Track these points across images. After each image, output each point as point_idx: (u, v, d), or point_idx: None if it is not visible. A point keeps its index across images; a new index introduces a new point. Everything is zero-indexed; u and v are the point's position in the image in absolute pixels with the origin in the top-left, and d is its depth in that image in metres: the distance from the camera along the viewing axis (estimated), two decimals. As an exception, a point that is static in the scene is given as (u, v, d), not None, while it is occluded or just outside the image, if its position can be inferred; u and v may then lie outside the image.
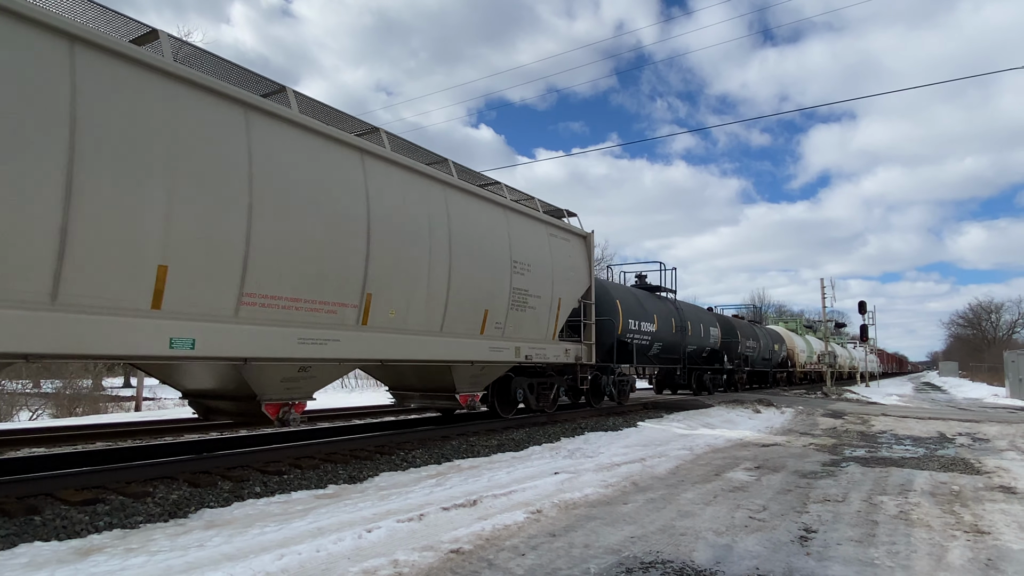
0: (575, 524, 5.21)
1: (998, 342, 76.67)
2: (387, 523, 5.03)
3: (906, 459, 9.16)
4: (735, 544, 4.71)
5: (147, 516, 5.20)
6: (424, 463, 7.94)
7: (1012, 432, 12.90)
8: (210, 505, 5.64)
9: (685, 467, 8.21)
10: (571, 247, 12.79)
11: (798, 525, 5.30)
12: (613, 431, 11.52)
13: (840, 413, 17.08)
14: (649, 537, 4.87)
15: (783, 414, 16.33)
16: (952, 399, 32.30)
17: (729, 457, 9.13)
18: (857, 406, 20.74)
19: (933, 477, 7.68)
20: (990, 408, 23.20)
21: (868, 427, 13.79)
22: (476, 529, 4.92)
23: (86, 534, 4.74)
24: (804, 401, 21.02)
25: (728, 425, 13.47)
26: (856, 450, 10.10)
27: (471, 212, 9.92)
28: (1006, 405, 25.42)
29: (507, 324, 10.62)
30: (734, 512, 5.71)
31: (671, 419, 13.70)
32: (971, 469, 8.31)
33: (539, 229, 11.82)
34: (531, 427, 11.38)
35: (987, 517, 5.67)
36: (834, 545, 4.74)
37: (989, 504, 6.21)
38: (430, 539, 4.67)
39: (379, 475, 7.13)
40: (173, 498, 5.67)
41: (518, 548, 4.52)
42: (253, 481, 6.45)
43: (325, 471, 7.07)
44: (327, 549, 4.41)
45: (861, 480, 7.44)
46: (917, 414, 17.71)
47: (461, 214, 9.60)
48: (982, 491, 6.86)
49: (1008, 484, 7.29)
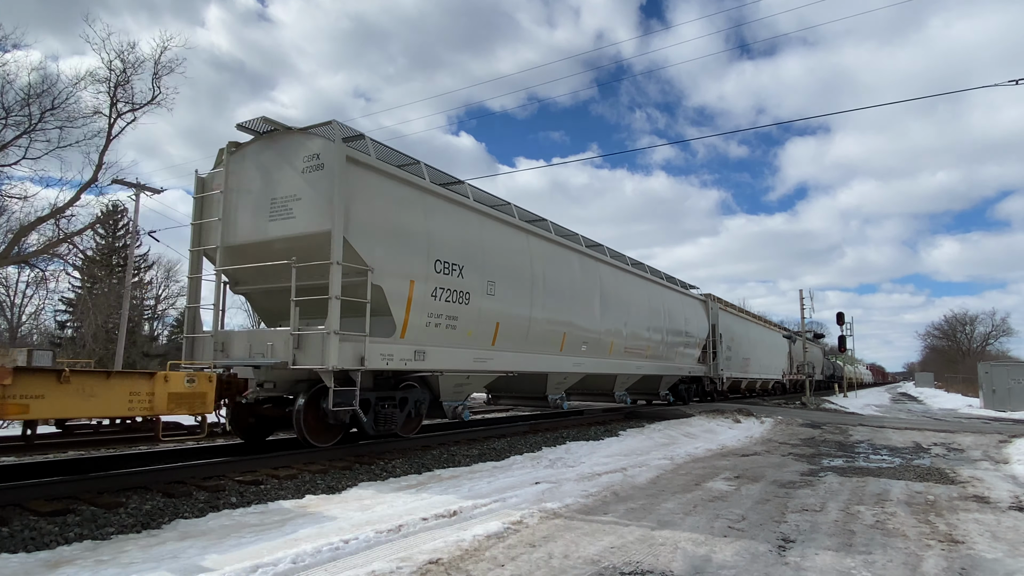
0: (555, 534, 5.20)
1: (973, 353, 77.97)
2: (365, 534, 4.98)
3: (883, 469, 9.26)
4: (714, 554, 4.72)
5: (119, 527, 5.10)
6: (404, 473, 7.88)
7: (986, 442, 13.11)
8: (185, 516, 5.55)
9: (666, 477, 8.23)
10: (696, 306, 22.02)
11: (776, 535, 5.33)
12: (594, 440, 11.53)
13: (819, 423, 17.25)
14: (628, 547, 4.87)
15: (763, 424, 16.45)
16: (928, 409, 32.77)
17: (709, 467, 9.17)
18: (835, 416, 20.96)
19: (909, 487, 7.77)
20: (965, 419, 23.57)
21: (846, 437, 13.94)
22: (455, 540, 4.89)
23: (56, 545, 4.63)
24: (783, 411, 21.19)
25: (708, 435, 13.54)
26: (834, 460, 10.19)
27: (620, 280, 16.11)
28: (980, 416, 25.83)
29: (663, 353, 18.79)
30: (713, 522, 5.73)
31: (652, 429, 13.74)
32: (946, 479, 8.42)
33: (682, 298, 20.61)
34: (512, 436, 11.35)
35: (961, 527, 5.75)
36: (812, 555, 4.77)
37: (963, 514, 6.30)
38: (408, 550, 4.63)
39: (358, 485, 7.06)
40: (147, 508, 5.57)
41: (497, 559, 4.50)
42: (229, 491, 6.35)
43: (303, 481, 6.99)
44: (304, 560, 4.34)
45: (839, 490, 7.51)
46: (894, 424, 17.94)
47: (612, 281, 15.54)
48: (957, 501, 6.96)
49: (982, 494, 7.40)
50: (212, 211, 9.33)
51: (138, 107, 25.76)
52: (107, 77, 24.84)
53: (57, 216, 24.42)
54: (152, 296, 49.96)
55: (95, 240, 39.96)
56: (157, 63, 25.75)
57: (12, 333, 38.09)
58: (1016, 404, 28.67)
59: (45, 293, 37.57)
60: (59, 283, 34.50)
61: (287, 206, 8.53)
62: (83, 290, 36.73)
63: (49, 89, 23.68)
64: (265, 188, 8.80)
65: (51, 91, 23.71)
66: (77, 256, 28.36)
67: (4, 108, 22.79)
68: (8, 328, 38.16)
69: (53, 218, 24.38)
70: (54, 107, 23.55)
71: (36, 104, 23.30)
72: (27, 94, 23.20)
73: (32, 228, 24.48)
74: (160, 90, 26.13)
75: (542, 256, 12.38)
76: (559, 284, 12.83)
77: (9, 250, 24.11)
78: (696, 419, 16.27)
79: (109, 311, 31.00)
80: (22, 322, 39.21)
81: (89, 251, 34.08)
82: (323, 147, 8.36)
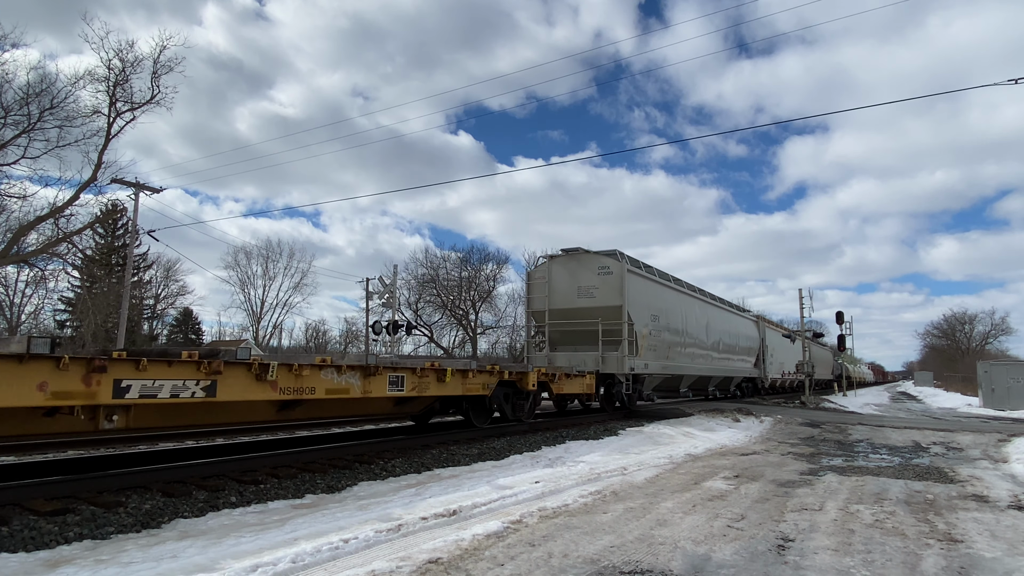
0: (554, 533, 5.20)
1: (972, 352, 78.04)
2: (365, 533, 4.98)
3: (882, 468, 9.27)
4: (713, 553, 4.73)
5: (119, 527, 5.10)
6: (404, 472, 7.89)
7: (985, 441, 13.13)
8: (184, 515, 5.55)
9: (665, 476, 8.24)
10: (752, 325, 29.02)
11: (776, 534, 5.34)
12: (594, 440, 11.53)
13: (818, 422, 17.26)
14: (628, 546, 4.87)
15: (762, 423, 16.46)
16: (927, 408, 32.78)
17: (708, 466, 9.17)
18: (834, 415, 20.97)
19: (908, 486, 7.78)
20: (964, 418, 23.59)
21: (845, 436, 13.95)
22: (455, 539, 4.89)
23: (55, 545, 4.63)
24: (783, 410, 21.20)
25: (708, 434, 13.55)
26: (833, 459, 10.20)
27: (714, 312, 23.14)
28: (979, 415, 25.85)
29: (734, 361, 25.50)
30: (713, 521, 5.73)
31: (652, 427, 13.75)
32: (945, 478, 8.43)
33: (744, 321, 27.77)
34: (512, 436, 11.35)
35: (960, 526, 5.76)
36: (811, 554, 4.77)
37: (962, 513, 6.31)
38: (408, 549, 4.63)
39: (358, 484, 7.07)
40: (146, 508, 5.57)
41: (496, 558, 4.50)
42: (229, 491, 6.35)
43: (303, 480, 6.99)
44: (303, 560, 4.35)
45: (838, 489, 7.51)
46: (893, 423, 17.95)
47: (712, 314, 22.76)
48: (956, 500, 6.97)
49: (981, 493, 7.41)
50: (537, 291, 16.92)
51: (137, 106, 25.77)
52: (106, 76, 24.82)
53: (56, 215, 24.40)
54: (151, 295, 49.99)
55: (94, 239, 39.99)
56: (156, 62, 25.73)
57: (11, 332, 38.07)
58: (1015, 403, 28.69)
59: (44, 292, 37.58)
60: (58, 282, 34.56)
61: (590, 291, 15.91)
62: (82, 289, 36.75)
63: (48, 88, 23.67)
64: (572, 280, 16.22)
65: (50, 90, 23.69)
66: (76, 255, 28.36)
67: (3, 107, 22.76)
68: (7, 327, 38.14)
69: (52, 217, 24.36)
70: (53, 106, 23.54)
71: (35, 103, 23.27)
72: (26, 93, 23.17)
73: (31, 227, 24.46)
74: (159, 89, 26.11)
75: (685, 304, 19.85)
76: (692, 319, 20.23)
77: (8, 249, 24.08)
78: (695, 418, 16.28)
79: (108, 310, 31.00)
80: (21, 321, 39.19)
81: (88, 250, 34.07)
82: (612, 263, 15.79)
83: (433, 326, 51.15)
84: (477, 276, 50.88)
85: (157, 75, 25.79)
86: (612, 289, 15.47)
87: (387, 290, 33.84)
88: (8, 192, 23.79)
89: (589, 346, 15.63)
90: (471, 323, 50.82)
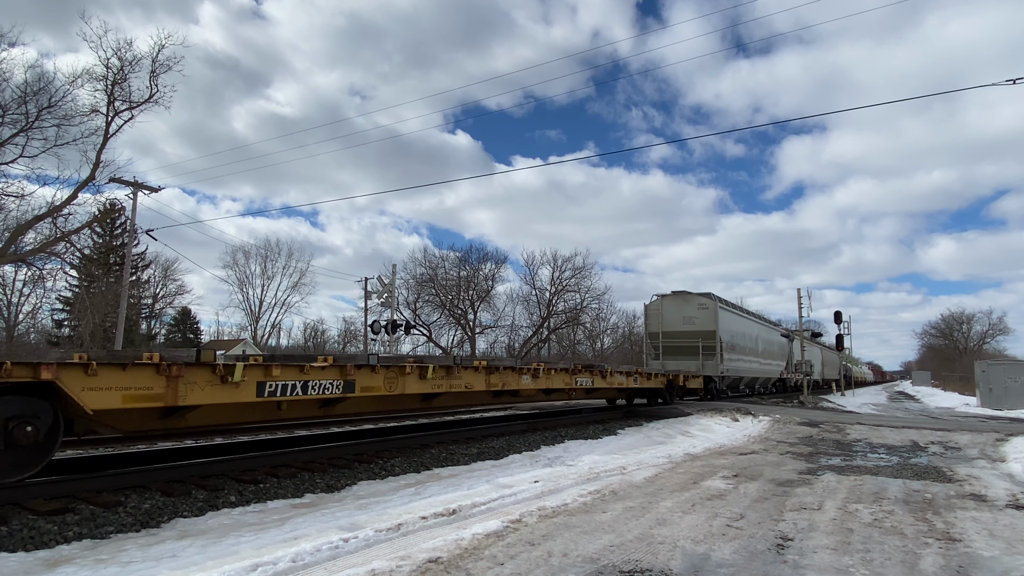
0: (554, 533, 5.21)
1: (969, 352, 78.17)
2: (365, 532, 4.99)
3: (880, 467, 9.29)
4: (712, 553, 4.74)
5: (118, 526, 5.10)
6: (403, 472, 7.89)
7: (983, 441, 13.15)
8: (184, 515, 5.55)
9: (664, 475, 8.25)
10: (784, 339, 34.15)
11: (775, 533, 5.35)
12: (593, 439, 11.55)
13: (816, 422, 17.28)
14: (627, 546, 4.88)
15: (760, 423, 16.48)
16: (925, 408, 32.85)
17: (707, 465, 9.19)
18: (833, 415, 20.99)
19: (907, 485, 7.79)
20: (962, 417, 23.64)
21: (843, 436, 13.97)
22: (454, 538, 4.90)
23: (55, 544, 4.63)
24: (781, 410, 21.21)
25: (706, 433, 13.57)
26: (832, 459, 10.22)
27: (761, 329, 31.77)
28: (977, 414, 25.90)
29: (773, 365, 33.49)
30: (712, 520, 5.74)
31: (650, 427, 13.77)
32: (943, 477, 8.45)
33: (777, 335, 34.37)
34: (511, 435, 11.36)
35: (959, 525, 5.77)
36: (810, 553, 4.78)
37: (961, 512, 6.32)
38: (408, 548, 4.64)
39: (357, 484, 7.07)
40: (146, 507, 5.57)
41: (496, 557, 4.51)
42: (228, 490, 6.35)
43: (302, 480, 6.99)
44: (303, 559, 4.35)
45: (836, 488, 7.53)
46: (891, 423, 17.98)
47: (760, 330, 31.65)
48: (954, 499, 6.98)
49: (979, 492, 7.43)
50: (652, 318, 24.96)
51: (136, 105, 25.71)
52: (104, 75, 24.76)
53: (54, 215, 24.36)
54: (150, 295, 49.95)
55: (92, 239, 39.91)
56: (155, 61, 25.68)
57: (9, 332, 38.02)
58: (1013, 403, 28.75)
59: (42, 292, 37.48)
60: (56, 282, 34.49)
61: (691, 320, 24.03)
62: (80, 289, 36.69)
63: (46, 87, 23.62)
64: (678, 312, 24.39)
65: (48, 89, 23.64)
66: (74, 255, 28.33)
67: (1, 106, 22.71)
68: (5, 327, 38.07)
69: (50, 216, 24.32)
70: (51, 105, 23.48)
71: (33, 102, 23.21)
72: (24, 92, 23.12)
73: (29, 227, 24.41)
74: (158, 88, 26.05)
75: (747, 326, 28.42)
76: (750, 337, 28.61)
77: (6, 248, 24.03)
78: (694, 417, 16.30)
79: (106, 310, 30.93)
80: (19, 321, 39.15)
81: (86, 250, 34.01)
82: (708, 301, 24.21)
83: (432, 325, 51.20)
84: (475, 275, 51.02)
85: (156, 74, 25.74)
86: (708, 319, 23.84)
87: (386, 290, 33.85)
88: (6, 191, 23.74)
89: (689, 357, 23.53)
90: (470, 323, 50.88)
